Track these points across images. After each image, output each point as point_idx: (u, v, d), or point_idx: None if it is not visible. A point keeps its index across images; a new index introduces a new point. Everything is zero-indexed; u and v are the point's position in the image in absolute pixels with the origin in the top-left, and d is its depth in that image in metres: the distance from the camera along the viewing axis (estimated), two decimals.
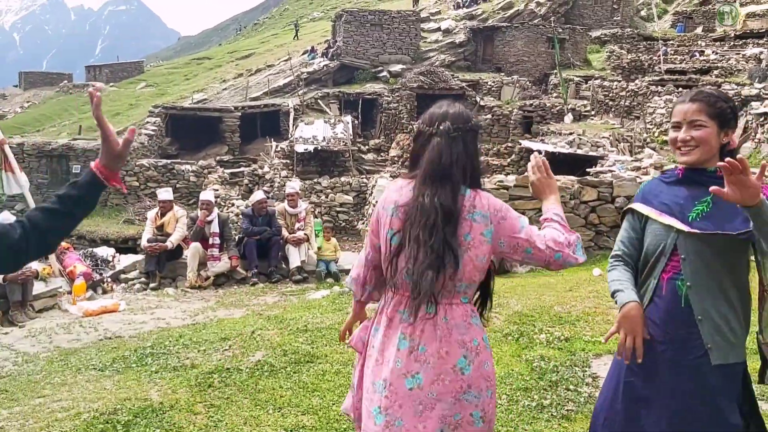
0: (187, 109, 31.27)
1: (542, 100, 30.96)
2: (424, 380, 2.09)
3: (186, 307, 7.98)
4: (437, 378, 2.09)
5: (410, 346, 2.11)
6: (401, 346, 2.12)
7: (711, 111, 2.31)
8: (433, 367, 2.09)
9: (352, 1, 63.19)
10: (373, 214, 2.27)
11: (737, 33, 35.69)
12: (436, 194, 2.10)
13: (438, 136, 2.19)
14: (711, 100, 2.32)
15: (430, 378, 2.09)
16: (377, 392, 2.14)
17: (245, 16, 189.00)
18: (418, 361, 2.10)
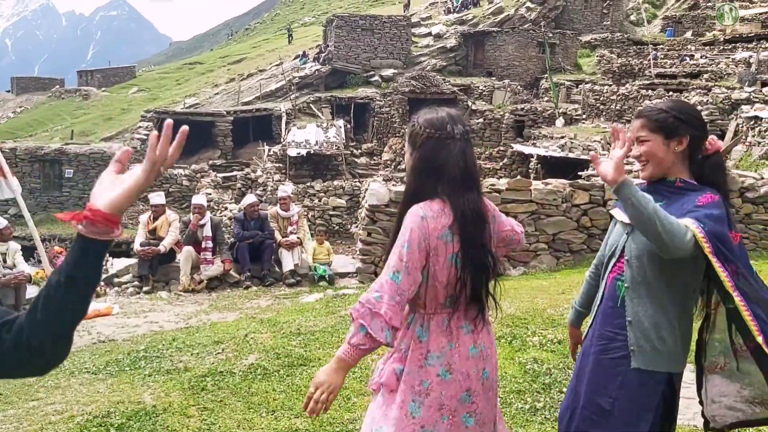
0: (180, 114, 31.19)
1: (533, 105, 31.11)
2: (489, 372, 2.26)
3: (179, 310, 7.98)
4: (494, 367, 2.30)
5: (479, 351, 2.25)
6: (473, 354, 2.24)
7: (651, 125, 2.33)
8: (491, 359, 2.28)
9: (343, 6, 63.29)
10: (417, 247, 2.11)
11: (726, 37, 35.95)
12: (469, 200, 2.16)
13: (459, 140, 2.22)
14: (651, 115, 2.35)
15: (492, 369, 2.28)
16: (463, 403, 2.23)
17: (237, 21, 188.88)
18: (483, 358, 2.25)
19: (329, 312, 6.92)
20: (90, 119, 37.49)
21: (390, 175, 24.02)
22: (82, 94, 45.87)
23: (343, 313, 6.65)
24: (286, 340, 5.64)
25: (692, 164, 2.34)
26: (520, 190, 9.80)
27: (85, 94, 45.57)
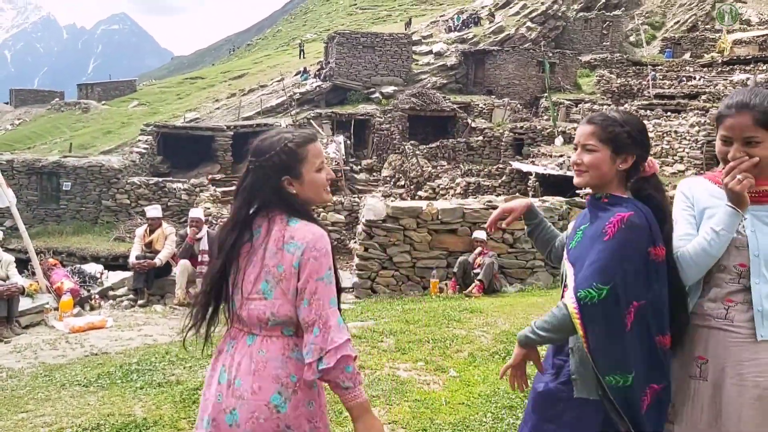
0: (180, 128, 31.29)
1: (533, 123, 31.25)
2: (240, 417, 1.99)
3: (174, 324, 7.95)
4: (251, 416, 1.99)
5: (228, 380, 2.05)
6: (221, 380, 2.07)
7: (603, 135, 2.23)
8: (247, 403, 1.99)
9: (345, 23, 63.73)
10: None
11: (725, 59, 36.21)
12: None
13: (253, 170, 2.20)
14: (605, 124, 2.24)
15: (245, 415, 1.99)
16: (204, 428, 2.09)
17: (238, 36, 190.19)
18: (234, 396, 2.01)
19: None
20: (89, 132, 37.56)
21: (389, 191, 24.04)
22: (82, 107, 46.01)
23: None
24: None
25: (628, 182, 2.28)
26: None
27: (85, 107, 45.72)
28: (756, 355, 2.11)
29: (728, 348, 2.13)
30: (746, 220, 2.16)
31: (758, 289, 2.12)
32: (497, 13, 45.79)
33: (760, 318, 2.12)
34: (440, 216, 9.53)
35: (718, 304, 2.18)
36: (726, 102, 2.20)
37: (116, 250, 19.71)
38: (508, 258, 9.76)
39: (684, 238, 2.27)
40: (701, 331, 2.20)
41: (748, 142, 2.11)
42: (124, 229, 22.16)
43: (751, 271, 2.13)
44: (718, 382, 2.15)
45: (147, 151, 28.39)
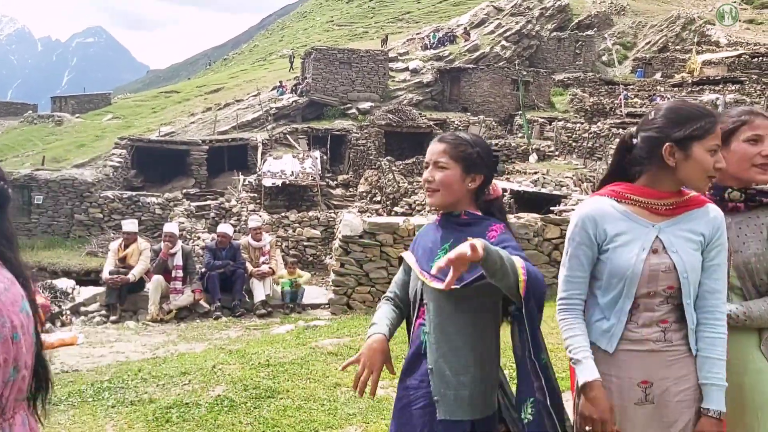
0: (154, 142, 31.07)
1: (507, 140, 31.57)
2: None
3: (146, 340, 7.84)
4: None
5: None
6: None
7: (455, 153, 2.24)
8: None
9: (321, 39, 63.93)
10: None
11: (694, 79, 36.96)
12: None
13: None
14: (456, 143, 2.26)
15: None
16: None
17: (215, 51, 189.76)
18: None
19: (300, 343, 6.84)
20: (62, 145, 37.04)
21: (365, 207, 24.05)
22: (55, 120, 45.37)
23: (314, 344, 6.59)
24: (255, 371, 5.55)
25: (476, 203, 2.31)
26: None
27: (59, 120, 45.10)
28: (692, 368, 2.15)
29: (669, 367, 2.15)
30: (663, 239, 2.15)
31: (690, 308, 2.15)
32: (472, 31, 46.29)
33: (693, 334, 2.16)
34: (417, 232, 9.54)
35: (654, 328, 2.16)
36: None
37: (88, 265, 19.47)
38: None
39: (572, 281, 2.25)
40: (640, 356, 2.17)
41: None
42: (96, 244, 21.92)
43: (683, 292, 2.13)
44: (664, 403, 2.16)
45: (121, 165, 28.18)
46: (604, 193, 2.26)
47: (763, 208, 2.37)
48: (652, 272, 2.13)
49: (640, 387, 2.17)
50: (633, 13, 55.87)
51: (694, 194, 2.21)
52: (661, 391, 2.16)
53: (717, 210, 2.20)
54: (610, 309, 2.20)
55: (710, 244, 2.16)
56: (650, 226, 2.17)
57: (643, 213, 2.19)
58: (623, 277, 2.16)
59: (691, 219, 2.17)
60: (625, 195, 2.21)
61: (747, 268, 2.32)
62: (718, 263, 2.16)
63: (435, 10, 68.12)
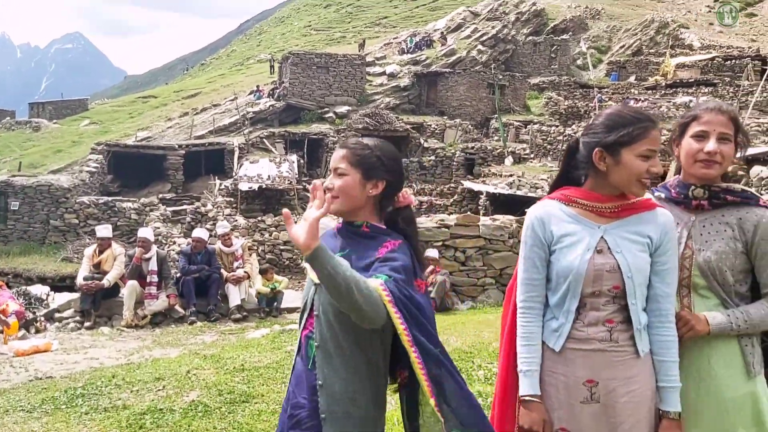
0: (131, 147, 30.88)
1: (484, 143, 31.82)
2: None
3: (121, 346, 7.80)
4: None
5: None
6: None
7: (353, 159, 2.17)
8: None
9: (299, 44, 63.88)
10: None
11: (668, 82, 37.47)
12: None
13: None
14: (355, 148, 2.20)
15: None
16: None
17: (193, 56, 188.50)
18: None
19: (275, 347, 6.86)
20: (39, 151, 36.66)
21: None
22: (33, 126, 44.90)
23: (289, 348, 6.60)
24: (230, 376, 5.56)
25: (381, 212, 2.22)
26: (469, 225, 10.00)
27: (36, 126, 44.63)
28: (640, 369, 2.17)
29: (616, 367, 2.16)
30: (608, 240, 2.18)
31: (636, 309, 2.17)
32: (449, 36, 46.53)
33: (640, 335, 2.17)
34: None
35: (600, 327, 2.18)
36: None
37: (63, 271, 19.29)
38: (460, 276, 9.88)
39: (529, 283, 2.28)
40: (586, 355, 2.19)
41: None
42: (72, 250, 21.71)
43: (627, 292, 2.15)
44: (610, 403, 2.16)
45: (97, 170, 27.99)
46: (554, 196, 2.32)
47: (728, 206, 2.34)
48: (597, 272, 2.16)
49: (585, 386, 2.19)
50: (608, 17, 56.53)
51: (643, 198, 2.24)
52: (607, 391, 2.17)
53: (667, 214, 2.22)
54: (558, 309, 2.24)
55: (660, 248, 2.18)
56: (596, 227, 2.20)
57: (589, 215, 2.22)
58: (569, 277, 2.19)
59: (639, 222, 2.20)
60: (572, 198, 2.26)
61: (709, 266, 2.31)
62: (669, 267, 2.19)
63: (412, 15, 68.43)
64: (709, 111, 2.36)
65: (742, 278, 2.33)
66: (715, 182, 2.36)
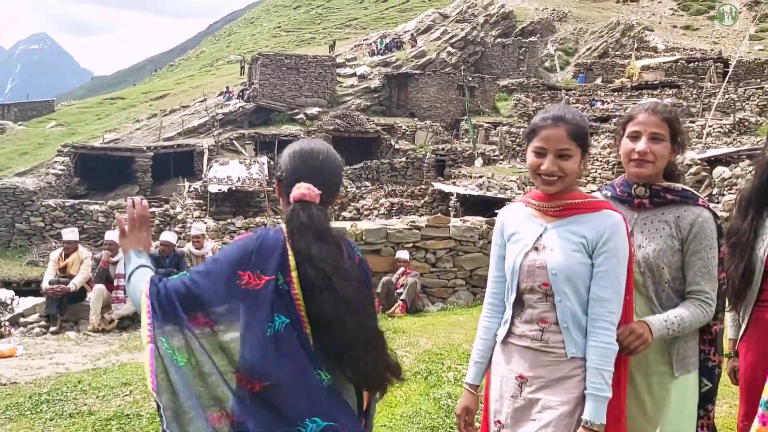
0: (98, 149, 30.50)
1: (454, 145, 32.02)
2: None
3: (87, 351, 7.69)
4: None
5: None
6: None
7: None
8: None
9: (269, 45, 63.57)
10: None
11: (633, 84, 38.10)
12: None
13: None
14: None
15: None
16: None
17: (161, 57, 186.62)
18: None
19: None
20: (4, 153, 35.96)
21: None
22: None
23: None
24: None
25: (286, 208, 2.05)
26: (439, 227, 10.02)
27: (1, 127, 43.77)
28: (570, 373, 2.13)
29: (545, 367, 2.16)
30: (544, 238, 2.22)
31: (562, 307, 2.15)
32: (419, 38, 46.75)
33: (568, 335, 2.14)
34: (364, 236, 9.59)
35: (533, 325, 2.21)
36: (541, 116, 2.26)
37: (29, 275, 18.96)
38: (431, 277, 9.91)
39: (493, 280, 2.38)
40: (520, 351, 2.24)
41: (560, 155, 2.17)
42: (37, 253, 21.39)
43: (554, 289, 2.15)
44: (534, 401, 2.18)
45: (64, 173, 27.61)
46: (520, 198, 2.41)
47: (668, 205, 2.40)
48: (530, 268, 2.20)
49: (516, 381, 2.23)
50: (574, 19, 57.28)
51: (592, 199, 2.25)
52: (533, 389, 2.18)
53: (611, 217, 2.17)
54: (508, 303, 2.30)
55: (596, 249, 2.14)
56: (540, 226, 2.24)
57: (538, 215, 2.27)
58: (508, 272, 2.27)
59: (579, 222, 2.18)
60: (528, 199, 2.33)
61: (647, 263, 2.37)
62: (605, 270, 2.13)
63: (382, 17, 68.60)
64: (643, 111, 2.44)
65: (680, 276, 2.39)
66: (656, 181, 2.42)
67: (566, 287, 2.14)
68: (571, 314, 2.14)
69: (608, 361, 2.10)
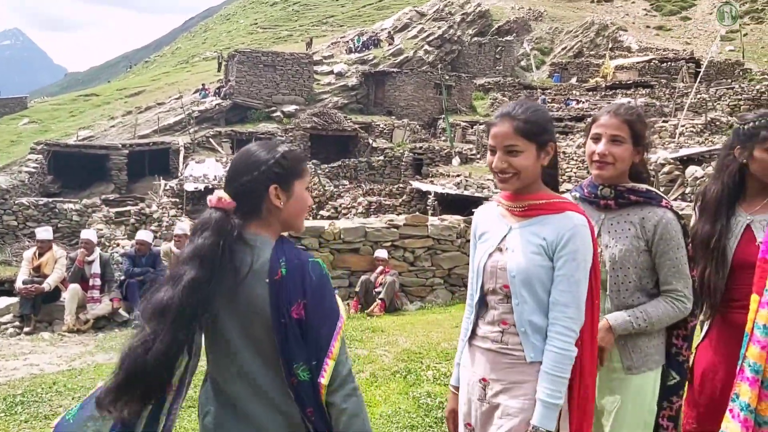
0: (72, 146, 30.16)
1: (432, 144, 32.10)
2: None
3: (62, 352, 7.59)
4: None
5: None
6: None
7: None
8: None
9: (245, 41, 63.16)
10: None
11: (608, 84, 38.52)
12: None
13: None
14: None
15: None
16: None
17: (136, 53, 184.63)
18: None
19: None
20: None
21: None
22: None
23: None
24: None
25: None
26: (418, 225, 10.05)
27: None
28: (529, 377, 2.10)
29: (505, 370, 2.14)
30: (508, 239, 2.19)
31: (519, 310, 2.12)
32: (396, 36, 46.80)
33: (526, 339, 2.11)
34: (343, 235, 9.59)
35: (495, 327, 2.19)
36: (495, 113, 2.26)
37: (2, 275, 18.62)
38: (409, 276, 9.94)
39: (470, 280, 2.33)
40: (482, 353, 2.22)
41: (508, 151, 2.13)
42: (10, 252, 21.08)
43: (512, 292, 2.13)
44: (496, 404, 2.16)
45: (37, 171, 27.29)
46: (495, 197, 2.39)
47: (633, 206, 2.44)
48: (492, 269, 2.18)
49: (480, 383, 2.21)
50: (550, 19, 57.71)
51: (557, 199, 2.19)
52: (494, 392, 2.16)
53: (572, 219, 2.11)
54: (474, 303, 2.29)
55: (556, 252, 2.10)
56: (506, 226, 2.21)
57: (506, 215, 2.24)
58: (473, 272, 2.28)
59: (542, 223, 2.14)
60: (499, 199, 2.31)
61: (613, 263, 2.41)
62: (563, 274, 2.08)
63: (359, 14, 68.54)
64: (605, 114, 2.49)
65: (648, 275, 2.44)
66: (621, 182, 2.45)
67: (524, 290, 2.10)
68: (528, 318, 2.10)
69: (562, 368, 2.05)
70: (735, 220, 2.69)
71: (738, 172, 2.66)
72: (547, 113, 2.25)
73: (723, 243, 2.65)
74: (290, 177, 1.95)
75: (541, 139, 2.14)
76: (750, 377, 2.42)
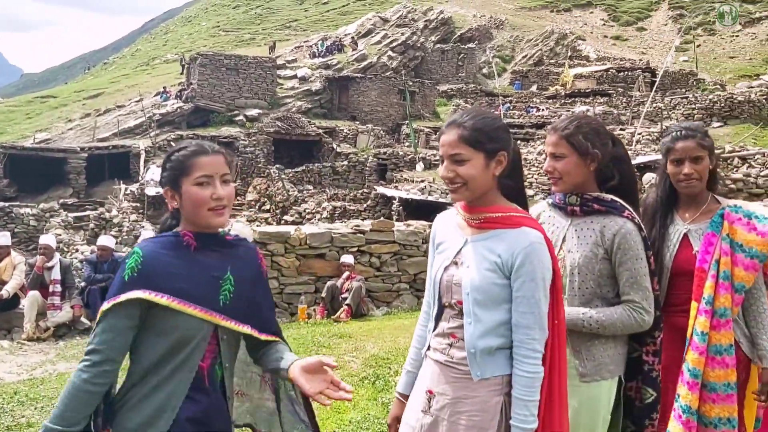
0: (29, 149, 29.54)
1: (396, 149, 32.21)
2: None
3: (22, 361, 7.43)
4: None
5: None
6: None
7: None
8: None
9: (207, 44, 62.57)
10: None
11: (567, 92, 39.18)
12: None
13: None
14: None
15: None
16: None
17: (94, 55, 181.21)
18: None
19: None
20: None
21: (254, 216, 23.76)
22: None
23: None
24: None
25: None
26: (384, 231, 10.09)
27: None
28: (474, 393, 2.06)
29: (450, 383, 2.10)
30: (463, 253, 2.13)
31: (470, 329, 2.06)
32: (360, 41, 46.90)
33: (473, 358, 2.06)
34: (309, 241, 9.57)
35: (444, 339, 2.15)
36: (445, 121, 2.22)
37: None
38: (375, 282, 9.96)
39: (426, 288, 2.30)
40: (431, 365, 2.19)
41: (455, 160, 2.07)
42: None
43: (464, 310, 2.07)
44: (440, 419, 2.11)
45: None
46: (456, 205, 2.31)
47: (596, 214, 2.46)
48: (447, 283, 2.13)
49: (425, 395, 2.17)
50: (511, 27, 58.46)
51: (514, 213, 2.12)
52: (439, 406, 2.12)
53: (527, 236, 2.04)
54: (432, 315, 2.25)
55: (513, 272, 2.03)
56: (462, 238, 2.15)
57: (464, 226, 2.18)
58: (430, 284, 2.24)
59: (497, 238, 2.08)
60: (458, 207, 2.24)
61: (573, 268, 2.44)
62: (523, 295, 2.02)
63: (322, 19, 68.47)
64: (548, 131, 2.57)
65: (608, 284, 2.46)
66: (587, 191, 2.50)
67: (477, 308, 2.05)
68: (477, 341, 2.05)
69: (532, 391, 2.00)
70: (673, 228, 2.80)
71: (669, 183, 2.79)
72: (498, 121, 2.15)
73: (658, 249, 2.75)
74: (178, 177, 2.02)
75: (489, 147, 2.06)
76: (689, 381, 2.59)
